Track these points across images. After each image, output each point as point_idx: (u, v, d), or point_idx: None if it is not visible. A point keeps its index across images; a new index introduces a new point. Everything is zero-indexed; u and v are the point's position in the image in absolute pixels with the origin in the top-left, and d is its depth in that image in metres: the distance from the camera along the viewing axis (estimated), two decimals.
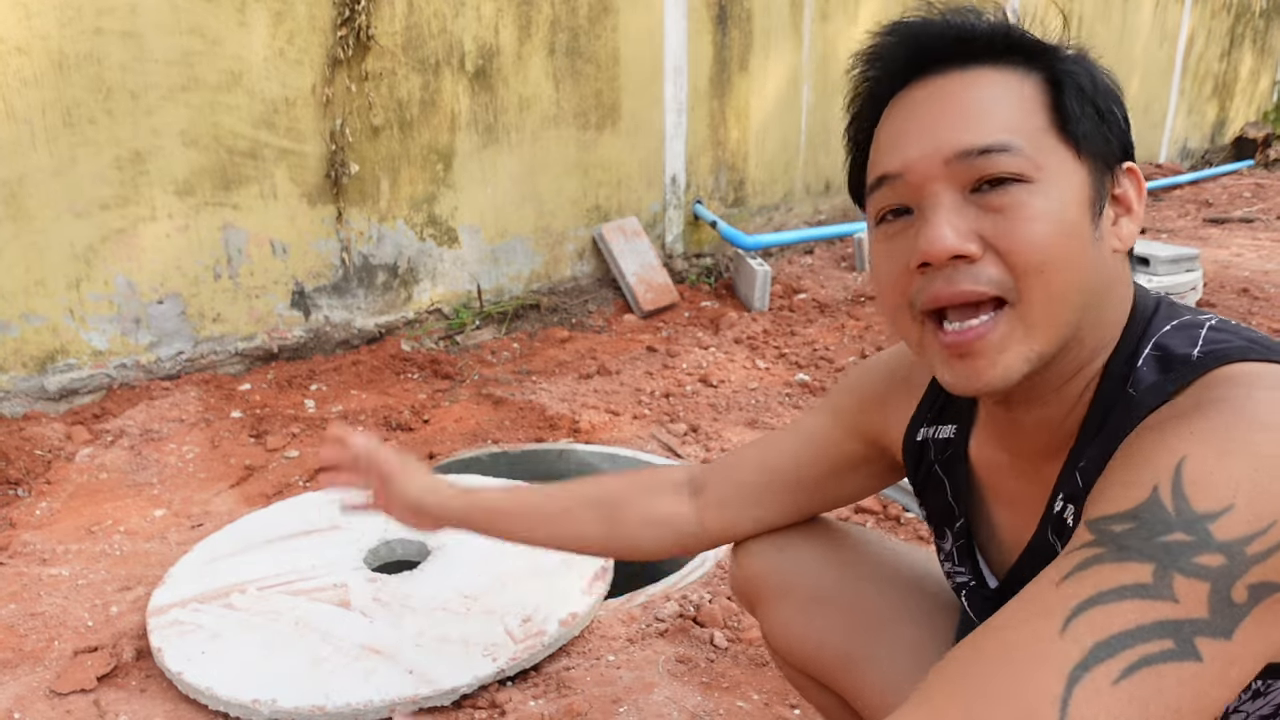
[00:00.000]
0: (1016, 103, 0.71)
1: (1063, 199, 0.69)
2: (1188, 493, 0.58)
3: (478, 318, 3.76)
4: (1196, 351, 0.68)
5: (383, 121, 3.35)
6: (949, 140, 0.70)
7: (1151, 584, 0.56)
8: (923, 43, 0.74)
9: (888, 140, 0.75)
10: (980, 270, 0.69)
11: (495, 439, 2.69)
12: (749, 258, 4.24)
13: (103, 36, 2.70)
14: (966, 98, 0.71)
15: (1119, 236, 0.73)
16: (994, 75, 0.72)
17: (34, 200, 2.67)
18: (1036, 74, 0.72)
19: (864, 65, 0.79)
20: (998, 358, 0.70)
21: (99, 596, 1.87)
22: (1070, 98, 0.71)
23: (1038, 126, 0.70)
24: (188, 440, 2.65)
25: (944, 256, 0.69)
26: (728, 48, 4.54)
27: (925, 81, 0.74)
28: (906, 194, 0.73)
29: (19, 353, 2.74)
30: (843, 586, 1.06)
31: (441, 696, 1.50)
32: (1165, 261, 3.70)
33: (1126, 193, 0.74)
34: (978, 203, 0.69)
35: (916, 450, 0.95)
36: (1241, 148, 9.54)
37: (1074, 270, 0.69)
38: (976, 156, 0.69)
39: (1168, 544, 0.57)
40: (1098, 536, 0.60)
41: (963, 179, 0.70)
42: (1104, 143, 0.72)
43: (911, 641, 1.02)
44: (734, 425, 2.79)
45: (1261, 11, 9.52)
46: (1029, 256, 0.68)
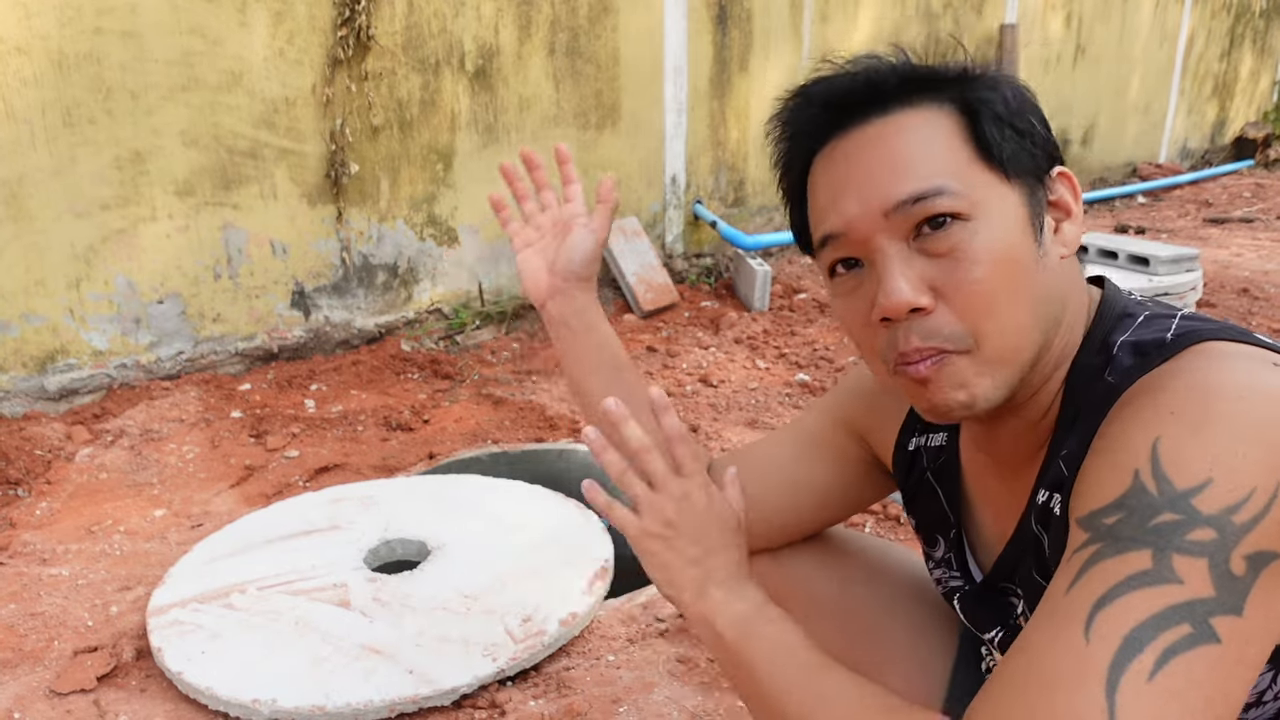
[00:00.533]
0: (938, 141, 0.71)
1: (1003, 228, 0.70)
2: (1168, 472, 0.59)
3: (478, 318, 3.76)
4: (1169, 335, 0.69)
5: (383, 121, 3.35)
6: (882, 193, 0.71)
7: (1153, 569, 0.57)
8: (835, 100, 0.75)
9: (824, 199, 0.76)
10: (934, 325, 0.70)
11: (495, 439, 2.69)
12: (749, 258, 4.24)
13: (103, 36, 2.70)
14: (890, 146, 0.72)
15: (1063, 242, 0.74)
16: (911, 117, 0.72)
17: (34, 200, 2.67)
18: (950, 105, 0.73)
19: (781, 129, 0.80)
20: (962, 388, 0.71)
21: (99, 596, 1.87)
22: (988, 125, 0.71)
23: (964, 160, 0.71)
24: (188, 440, 2.65)
25: (902, 312, 0.70)
26: (728, 48, 4.54)
27: (847, 135, 0.75)
28: (853, 249, 0.74)
29: (19, 353, 2.74)
30: (841, 595, 1.06)
31: (441, 696, 1.50)
32: (1165, 261, 3.70)
33: (1062, 197, 0.75)
34: (922, 249, 0.71)
35: (908, 459, 0.96)
36: (1241, 148, 9.53)
37: (1024, 301, 0.70)
38: (912, 205, 0.70)
39: (1159, 526, 0.58)
40: (1092, 533, 0.61)
41: (903, 228, 0.71)
42: (1030, 159, 0.73)
43: (910, 648, 1.03)
44: (734, 425, 2.79)
45: (1261, 11, 9.52)
46: (979, 303, 0.69)
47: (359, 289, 3.46)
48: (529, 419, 2.84)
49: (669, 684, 1.57)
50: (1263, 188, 7.88)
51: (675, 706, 1.51)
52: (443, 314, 3.73)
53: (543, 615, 1.69)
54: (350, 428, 2.79)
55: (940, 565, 0.95)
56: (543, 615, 1.69)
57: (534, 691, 1.56)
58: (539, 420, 2.83)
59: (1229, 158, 9.52)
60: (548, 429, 2.77)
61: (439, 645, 1.61)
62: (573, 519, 2.07)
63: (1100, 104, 7.52)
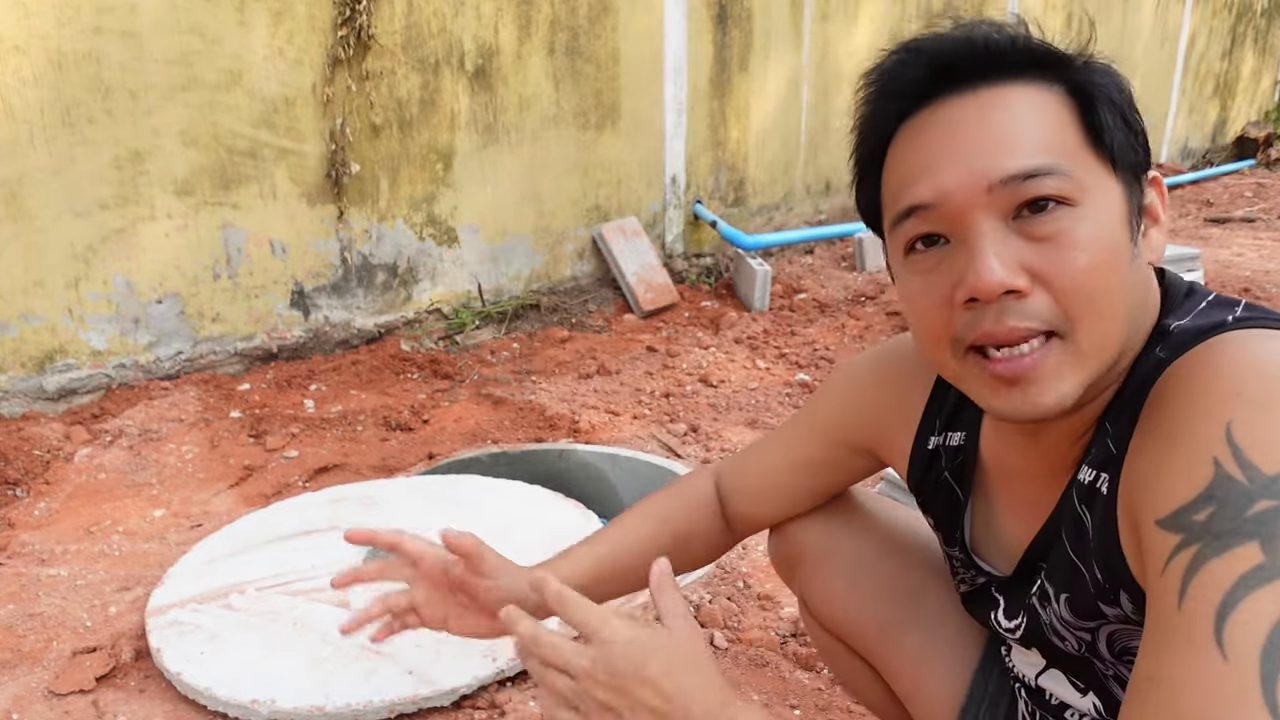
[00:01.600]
0: (1051, 120, 0.67)
1: (1107, 221, 0.66)
2: (1251, 457, 0.56)
3: (477, 318, 3.76)
4: (1231, 318, 0.67)
5: (382, 121, 3.35)
6: (990, 165, 0.66)
7: (1267, 562, 0.53)
8: (944, 60, 0.70)
9: (915, 167, 0.70)
10: (1030, 306, 0.66)
11: (495, 439, 2.69)
12: (749, 258, 4.23)
13: (102, 36, 2.69)
14: (1000, 118, 0.67)
15: (1150, 248, 0.71)
16: (1022, 92, 0.68)
17: (33, 200, 2.67)
18: (1060, 87, 0.69)
19: (875, 85, 0.74)
20: (1053, 385, 0.67)
21: (98, 597, 1.87)
22: (1103, 111, 0.68)
23: (1074, 144, 0.67)
24: (187, 440, 2.65)
25: (995, 293, 0.65)
26: (728, 48, 4.53)
27: (947, 102, 0.69)
28: (942, 223, 0.69)
29: (18, 353, 2.74)
30: (881, 555, 1.07)
31: (441, 696, 1.50)
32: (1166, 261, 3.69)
33: (1154, 203, 0.72)
34: (1020, 231, 0.66)
35: (926, 459, 0.93)
36: (1243, 147, 9.53)
37: (1121, 295, 0.67)
38: (1022, 181, 0.65)
39: (1259, 515, 0.54)
40: (1185, 534, 0.57)
41: (1004, 205, 0.66)
42: (1134, 155, 0.69)
43: (944, 614, 1.03)
44: (734, 425, 2.79)
45: (1263, 11, 9.51)
46: (1080, 289, 0.65)
47: (358, 289, 3.46)
48: (529, 419, 2.83)
49: None
50: (1264, 187, 7.88)
51: None
52: (442, 314, 3.72)
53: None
54: (350, 428, 2.79)
55: (960, 562, 0.93)
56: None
57: (534, 692, 1.55)
58: (539, 420, 2.82)
59: (1230, 157, 9.52)
60: (548, 429, 2.76)
61: (438, 645, 1.60)
62: (572, 519, 2.07)
63: None
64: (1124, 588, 0.68)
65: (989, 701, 0.99)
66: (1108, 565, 0.69)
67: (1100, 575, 0.70)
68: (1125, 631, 0.72)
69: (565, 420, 2.81)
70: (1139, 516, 0.63)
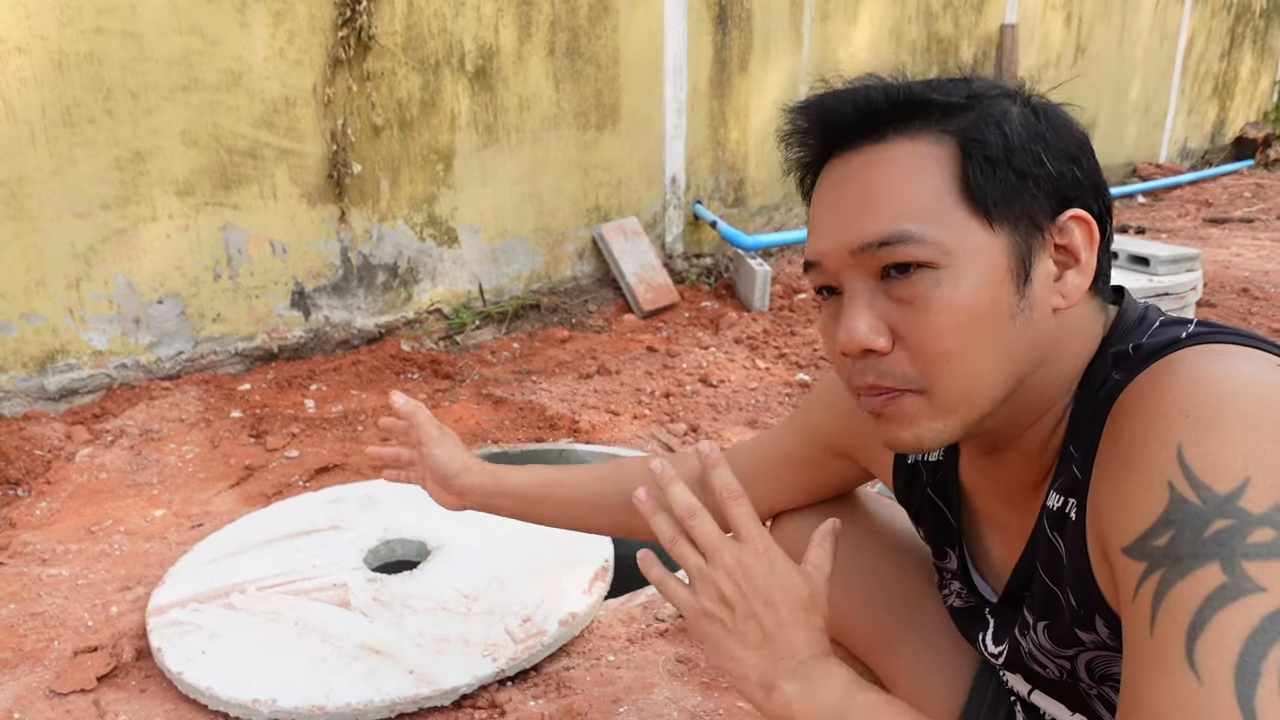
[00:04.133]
0: (921, 180, 0.68)
1: (974, 280, 0.67)
2: (1203, 478, 0.57)
3: (478, 318, 3.76)
4: (1183, 336, 0.67)
5: (383, 121, 3.35)
6: (851, 232, 0.70)
7: (1229, 582, 0.54)
8: (827, 121, 0.73)
9: (811, 226, 0.76)
10: (889, 366, 0.70)
11: (495, 439, 2.69)
12: (749, 258, 4.24)
13: (103, 36, 2.70)
14: (868, 181, 0.69)
15: (1062, 293, 0.70)
16: (903, 148, 0.69)
17: (34, 200, 2.67)
18: (949, 137, 0.69)
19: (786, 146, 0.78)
20: (908, 428, 0.71)
21: (99, 596, 1.87)
22: (975, 166, 0.67)
23: (946, 202, 0.67)
24: (188, 440, 2.65)
25: (856, 351, 0.70)
26: (728, 48, 4.54)
27: (839, 159, 0.73)
28: (828, 278, 0.74)
29: (19, 353, 2.74)
30: (880, 561, 1.07)
31: (441, 696, 1.50)
32: (1165, 261, 3.70)
33: (1073, 242, 0.70)
34: (887, 291, 0.69)
35: (908, 474, 0.94)
36: (1242, 148, 9.54)
37: (985, 354, 0.68)
38: (878, 248, 0.68)
39: (1216, 536, 0.55)
40: (1149, 561, 0.58)
41: (870, 267, 0.69)
42: (1027, 202, 0.68)
43: (943, 622, 1.03)
44: (734, 425, 2.79)
45: (1262, 11, 9.52)
46: (933, 350, 0.68)
47: (359, 289, 3.46)
48: (529, 419, 2.84)
49: (669, 684, 1.57)
50: (1263, 188, 7.88)
51: (675, 707, 1.51)
52: (443, 314, 3.73)
53: (543, 615, 1.69)
54: (350, 428, 2.79)
55: (954, 578, 0.93)
56: (543, 615, 1.69)
57: (534, 692, 1.56)
58: (539, 420, 2.83)
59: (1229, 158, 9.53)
60: (548, 429, 2.77)
61: (439, 645, 1.61)
62: None
63: (1100, 104, 7.52)
64: (1099, 613, 0.69)
65: (987, 710, 0.99)
66: (1082, 592, 0.70)
67: (1075, 602, 0.71)
68: (1104, 658, 0.72)
69: (565, 420, 2.81)
70: (1107, 545, 0.64)
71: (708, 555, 0.76)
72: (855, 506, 1.12)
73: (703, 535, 0.76)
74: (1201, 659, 0.53)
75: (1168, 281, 3.66)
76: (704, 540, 0.76)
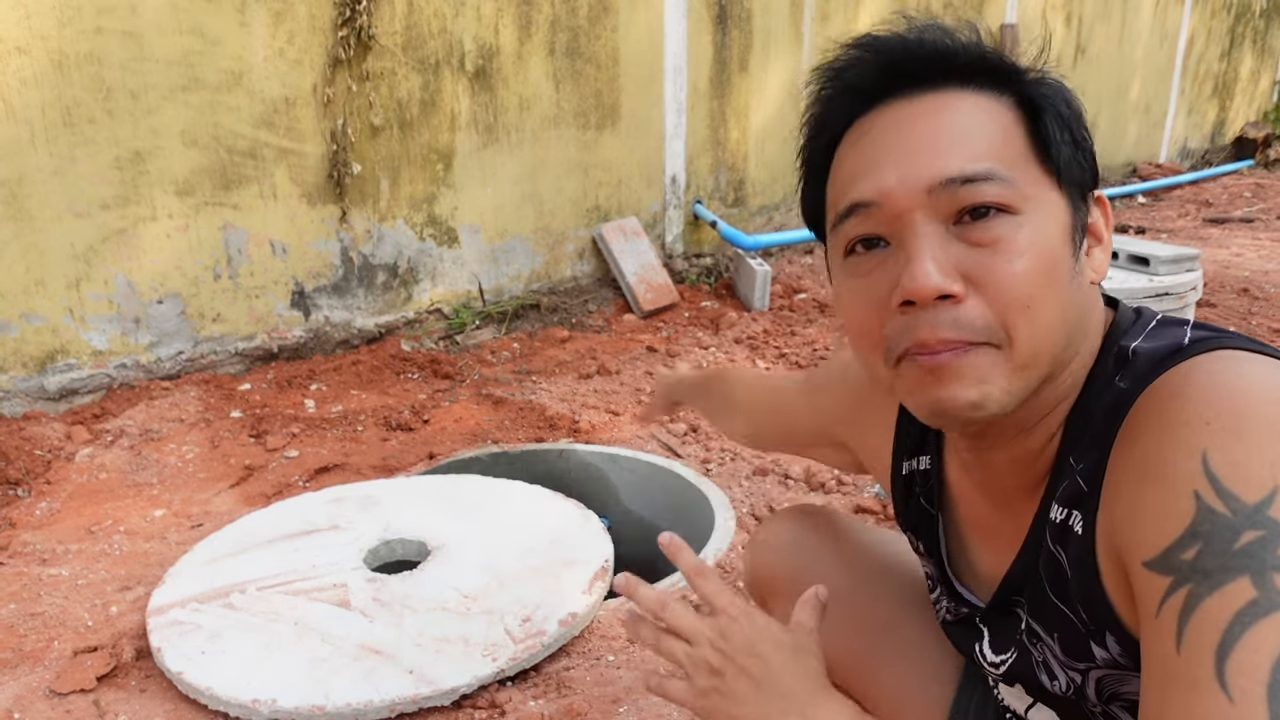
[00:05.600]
0: (996, 127, 0.67)
1: (1047, 231, 0.66)
2: (1231, 487, 0.55)
3: (478, 318, 3.76)
4: (1185, 340, 0.66)
5: (383, 121, 3.35)
6: (932, 167, 0.65)
7: (1261, 596, 0.52)
8: (896, 61, 0.69)
9: (859, 165, 0.69)
10: (965, 314, 0.64)
11: (495, 439, 2.69)
12: (749, 258, 4.24)
13: (103, 36, 2.70)
14: (947, 121, 0.67)
15: (1093, 268, 0.71)
16: (970, 99, 0.68)
17: (34, 200, 2.67)
18: (1009, 98, 0.69)
19: (827, 81, 0.73)
20: (977, 385, 0.65)
21: (99, 596, 1.87)
22: (1051, 123, 0.68)
23: (1019, 153, 0.67)
24: (188, 440, 2.65)
25: (930, 296, 0.64)
26: (728, 48, 4.54)
27: (896, 103, 0.69)
28: (882, 224, 0.68)
29: (19, 353, 2.74)
30: (854, 585, 1.06)
31: (441, 696, 1.50)
32: (1165, 261, 3.70)
33: (1097, 222, 0.72)
34: (960, 235, 0.65)
35: (903, 483, 0.92)
36: (1241, 148, 9.54)
37: (1059, 307, 0.66)
38: (961, 185, 0.64)
39: (1246, 548, 0.53)
40: (1175, 575, 0.56)
41: (945, 209, 0.65)
42: (1080, 171, 0.69)
43: (918, 642, 1.02)
44: None
45: (1261, 11, 9.52)
46: (1016, 296, 0.64)
47: (359, 289, 3.46)
48: (529, 419, 2.84)
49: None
50: (1263, 188, 7.88)
51: (675, 707, 1.51)
52: (443, 314, 3.73)
53: (543, 615, 1.69)
54: (350, 428, 2.79)
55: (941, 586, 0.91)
56: (543, 615, 1.69)
57: (534, 691, 1.56)
58: (539, 420, 2.83)
59: (1229, 158, 9.52)
60: (548, 429, 2.77)
61: (439, 645, 1.61)
62: (573, 519, 2.07)
63: (1100, 104, 7.52)
64: (1110, 630, 0.67)
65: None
66: (1092, 608, 0.68)
67: (1085, 617, 0.69)
68: (1114, 676, 0.71)
69: (565, 420, 2.81)
70: (1125, 559, 0.62)
71: (690, 638, 0.78)
72: (826, 530, 1.11)
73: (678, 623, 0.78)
74: (1232, 678, 0.51)
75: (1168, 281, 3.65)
76: (682, 627, 0.78)
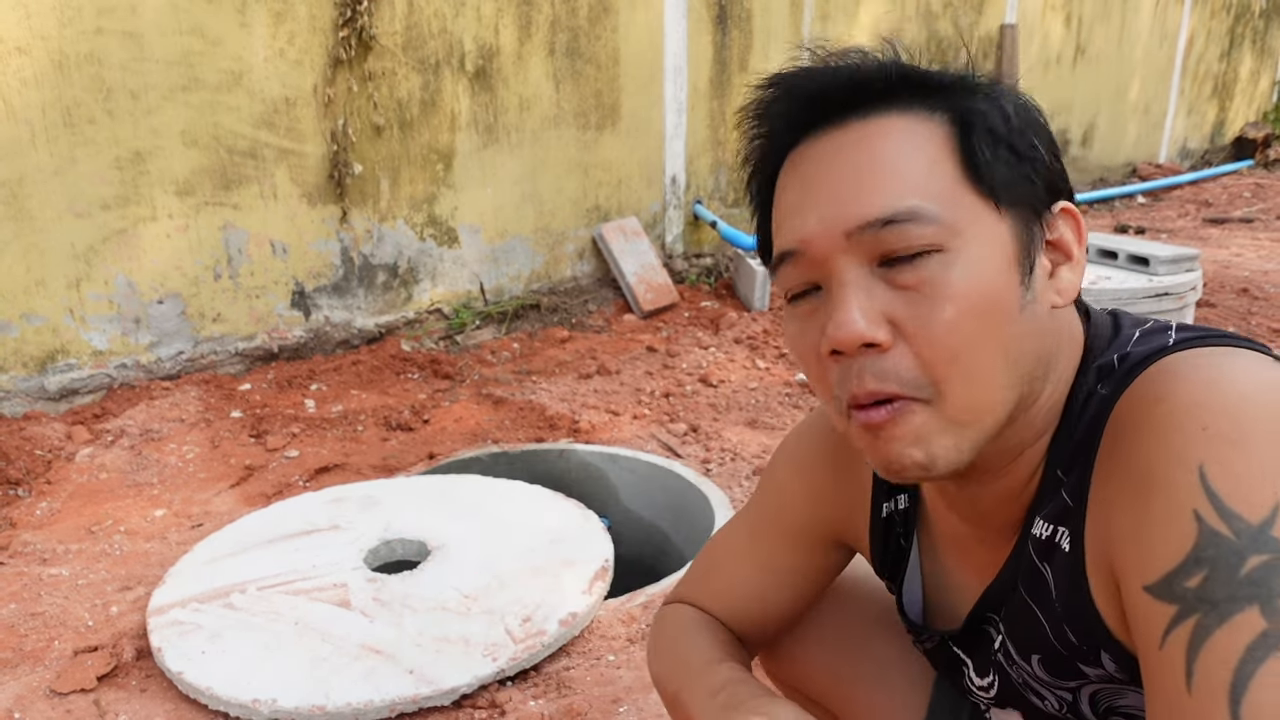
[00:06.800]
0: (921, 154, 0.62)
1: (984, 266, 0.61)
2: (1233, 506, 0.52)
3: (478, 318, 3.76)
4: (1170, 342, 0.63)
5: (383, 122, 3.35)
6: (848, 211, 0.62)
7: (1270, 628, 0.49)
8: (810, 94, 0.66)
9: (787, 209, 0.67)
10: (891, 365, 0.61)
11: (495, 439, 2.69)
12: (749, 258, 4.24)
13: (103, 36, 2.70)
14: (864, 156, 0.63)
15: (1058, 290, 0.65)
16: (895, 123, 0.63)
17: (34, 200, 2.67)
18: (942, 114, 0.64)
19: (751, 123, 0.70)
20: (915, 447, 0.62)
21: (99, 596, 1.87)
22: (979, 141, 0.62)
23: (948, 180, 0.62)
24: (188, 440, 2.65)
25: (852, 345, 0.61)
26: (728, 48, 4.54)
27: (820, 136, 0.66)
28: (810, 270, 0.65)
29: (19, 353, 2.74)
30: (829, 605, 1.04)
31: (441, 696, 1.50)
32: (1165, 261, 3.70)
33: (1063, 237, 0.66)
34: (886, 278, 0.62)
35: (883, 527, 0.86)
36: (1241, 148, 9.54)
37: (996, 351, 0.61)
38: (882, 228, 0.61)
39: (1252, 575, 0.51)
40: (1180, 604, 0.53)
41: (868, 252, 0.62)
42: (1027, 187, 0.63)
43: (894, 660, 1.01)
44: (734, 425, 2.79)
45: (1261, 12, 9.51)
46: (944, 347, 0.60)
47: (359, 289, 3.46)
48: (529, 419, 2.84)
49: None
50: (1262, 188, 7.88)
51: None
52: (443, 314, 3.73)
53: (543, 615, 1.69)
54: (350, 428, 2.79)
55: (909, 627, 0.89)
56: (543, 615, 1.69)
57: (534, 691, 1.56)
58: (539, 420, 2.83)
59: (1229, 158, 9.53)
60: (548, 429, 2.77)
61: (439, 645, 1.61)
62: (573, 519, 2.07)
63: (1100, 104, 7.52)
64: (1104, 648, 0.65)
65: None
66: (1083, 626, 0.65)
67: (1074, 637, 0.66)
68: (1109, 690, 0.69)
69: (565, 420, 2.81)
70: (1120, 579, 0.59)
71: None
72: None
73: None
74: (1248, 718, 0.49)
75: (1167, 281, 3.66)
76: None
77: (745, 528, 0.96)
